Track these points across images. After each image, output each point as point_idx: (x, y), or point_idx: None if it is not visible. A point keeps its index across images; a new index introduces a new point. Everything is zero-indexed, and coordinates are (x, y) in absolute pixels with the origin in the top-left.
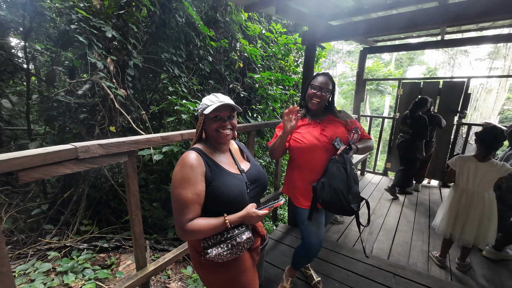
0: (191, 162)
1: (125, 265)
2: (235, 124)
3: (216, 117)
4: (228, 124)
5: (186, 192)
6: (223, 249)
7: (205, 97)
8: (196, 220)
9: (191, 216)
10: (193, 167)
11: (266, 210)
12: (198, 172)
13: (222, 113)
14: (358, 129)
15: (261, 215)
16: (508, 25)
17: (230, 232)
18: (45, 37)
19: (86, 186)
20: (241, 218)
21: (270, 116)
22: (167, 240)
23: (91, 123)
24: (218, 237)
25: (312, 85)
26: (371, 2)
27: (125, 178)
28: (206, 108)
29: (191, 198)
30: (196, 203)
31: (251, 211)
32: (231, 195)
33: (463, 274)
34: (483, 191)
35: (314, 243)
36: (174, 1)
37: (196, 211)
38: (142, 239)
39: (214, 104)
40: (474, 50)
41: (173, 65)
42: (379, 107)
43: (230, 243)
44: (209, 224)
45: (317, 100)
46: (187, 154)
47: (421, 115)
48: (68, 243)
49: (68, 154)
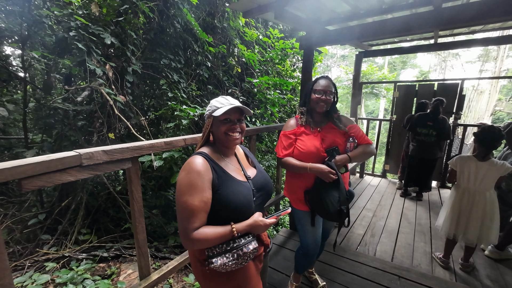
0: (198, 168)
1: (126, 274)
2: (244, 128)
3: (226, 119)
4: (238, 127)
5: (193, 199)
6: (228, 258)
7: (214, 99)
8: (203, 228)
9: (197, 224)
10: (200, 174)
11: (273, 219)
12: (206, 179)
13: (232, 116)
14: (354, 138)
15: (268, 224)
16: (498, 28)
17: (236, 241)
18: (40, 45)
19: (84, 194)
20: (248, 227)
21: (269, 120)
22: (167, 247)
23: (89, 130)
24: (224, 246)
25: (316, 90)
26: (366, 7)
27: (128, 185)
28: (216, 110)
29: (198, 206)
30: (203, 211)
31: (259, 220)
32: (238, 203)
33: (467, 274)
34: (484, 190)
35: (310, 242)
36: (173, 7)
37: (202, 219)
38: (145, 247)
39: (225, 107)
40: (464, 53)
41: (171, 71)
42: (374, 110)
43: (236, 253)
44: (216, 233)
45: (323, 103)
46: (193, 159)
47: (443, 116)
48: (67, 253)
49: (72, 161)
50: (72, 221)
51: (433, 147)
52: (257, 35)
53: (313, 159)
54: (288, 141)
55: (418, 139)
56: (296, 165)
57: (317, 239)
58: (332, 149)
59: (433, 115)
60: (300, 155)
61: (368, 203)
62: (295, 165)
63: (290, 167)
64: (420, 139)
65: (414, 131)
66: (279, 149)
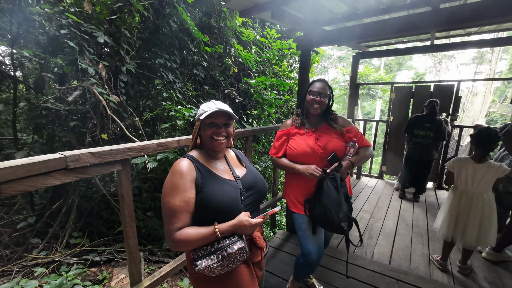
0: (181, 169)
1: (118, 279)
2: (231, 133)
3: (212, 123)
4: (223, 131)
5: (174, 200)
6: (213, 260)
7: (204, 103)
8: (185, 229)
9: (179, 225)
10: (183, 174)
11: (260, 218)
12: (188, 179)
13: (218, 120)
14: (355, 143)
15: (254, 224)
16: (493, 30)
17: (220, 242)
18: (34, 44)
19: (76, 196)
20: (232, 227)
21: (266, 121)
22: (162, 251)
23: (82, 130)
24: (208, 248)
25: (311, 91)
26: (364, 7)
27: (119, 188)
28: (202, 114)
29: (179, 206)
30: (185, 211)
31: (244, 219)
32: (223, 202)
33: (465, 277)
34: (482, 192)
35: (312, 250)
36: (168, 6)
37: (184, 220)
38: (137, 253)
39: (210, 110)
40: (459, 55)
41: (167, 70)
42: (370, 111)
43: (220, 254)
44: (198, 233)
45: (317, 105)
46: (178, 161)
47: (440, 118)
48: (57, 257)
49: (57, 164)
50: (63, 224)
51: (430, 149)
52: (254, 35)
53: (309, 158)
54: (279, 141)
55: (415, 141)
56: (285, 164)
57: (320, 246)
58: (332, 157)
59: (430, 117)
60: (294, 155)
61: (365, 205)
62: (284, 164)
63: (280, 165)
64: (417, 141)
65: (411, 133)
66: (271, 147)
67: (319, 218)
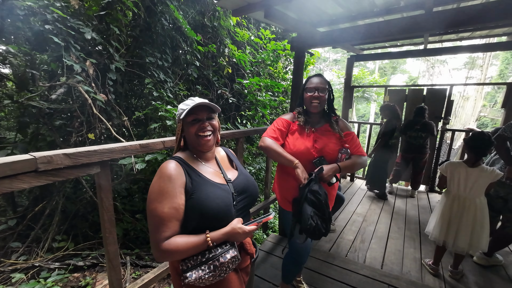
0: (169, 172)
1: (102, 285)
2: (216, 126)
3: (194, 120)
4: (208, 125)
5: (163, 207)
6: (204, 271)
7: (182, 103)
8: (174, 238)
9: (167, 233)
10: (171, 179)
11: (253, 225)
12: (177, 184)
13: (200, 115)
14: (347, 150)
15: (247, 231)
16: (485, 35)
17: (212, 251)
18: (24, 40)
19: (61, 198)
20: (225, 235)
21: (260, 122)
22: (150, 255)
23: (68, 130)
24: (199, 258)
25: (307, 88)
26: (358, 9)
27: (98, 192)
28: (182, 113)
29: (168, 213)
30: (174, 218)
31: (237, 227)
32: (215, 208)
33: (457, 282)
34: (474, 197)
35: (300, 246)
36: (160, 4)
37: (173, 228)
38: (117, 260)
39: (190, 106)
40: (451, 60)
41: (158, 69)
42: (365, 114)
43: (212, 264)
44: (188, 242)
45: (316, 101)
46: (165, 164)
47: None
48: (37, 262)
49: (25, 166)
50: (46, 227)
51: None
52: (248, 36)
53: (302, 159)
54: (283, 128)
55: (409, 141)
56: (283, 155)
57: (308, 243)
58: (318, 159)
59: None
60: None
61: (358, 207)
62: (282, 154)
63: (275, 152)
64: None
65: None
66: (270, 130)
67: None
